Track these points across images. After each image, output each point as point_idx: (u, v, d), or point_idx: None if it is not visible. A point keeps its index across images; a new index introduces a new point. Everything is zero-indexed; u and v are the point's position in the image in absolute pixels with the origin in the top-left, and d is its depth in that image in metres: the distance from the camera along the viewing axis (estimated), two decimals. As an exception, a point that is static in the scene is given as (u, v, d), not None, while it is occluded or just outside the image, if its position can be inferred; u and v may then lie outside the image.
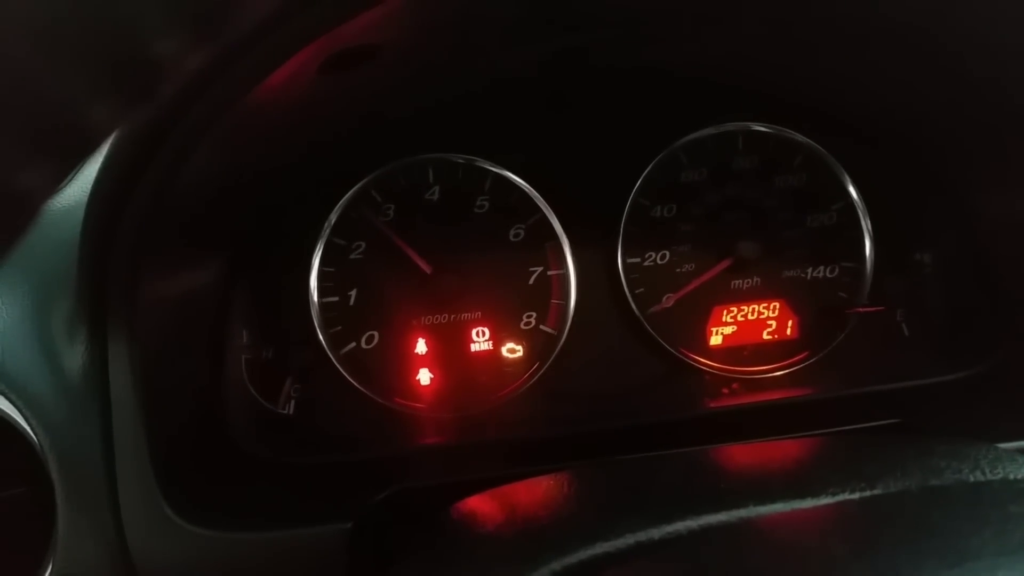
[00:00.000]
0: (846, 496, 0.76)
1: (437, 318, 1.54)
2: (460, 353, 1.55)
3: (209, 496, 1.17)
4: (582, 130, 1.58)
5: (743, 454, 1.05)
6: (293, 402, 1.49)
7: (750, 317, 1.62)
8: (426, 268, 1.52)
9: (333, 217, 1.51)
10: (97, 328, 1.07)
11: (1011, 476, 0.80)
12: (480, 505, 0.97)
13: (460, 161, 1.55)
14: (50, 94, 0.36)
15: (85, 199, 1.01)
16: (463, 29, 1.09)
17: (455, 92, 1.38)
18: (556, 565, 0.71)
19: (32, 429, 1.07)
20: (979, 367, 1.50)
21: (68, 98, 0.37)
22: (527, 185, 1.56)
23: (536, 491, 0.95)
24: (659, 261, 1.60)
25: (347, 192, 1.52)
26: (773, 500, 0.76)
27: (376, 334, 1.53)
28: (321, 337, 1.50)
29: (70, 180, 1.07)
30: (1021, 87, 1.21)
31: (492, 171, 1.56)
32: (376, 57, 1.04)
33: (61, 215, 1.08)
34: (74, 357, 1.07)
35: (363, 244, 1.53)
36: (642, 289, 1.59)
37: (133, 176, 0.94)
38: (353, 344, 1.52)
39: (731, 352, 1.62)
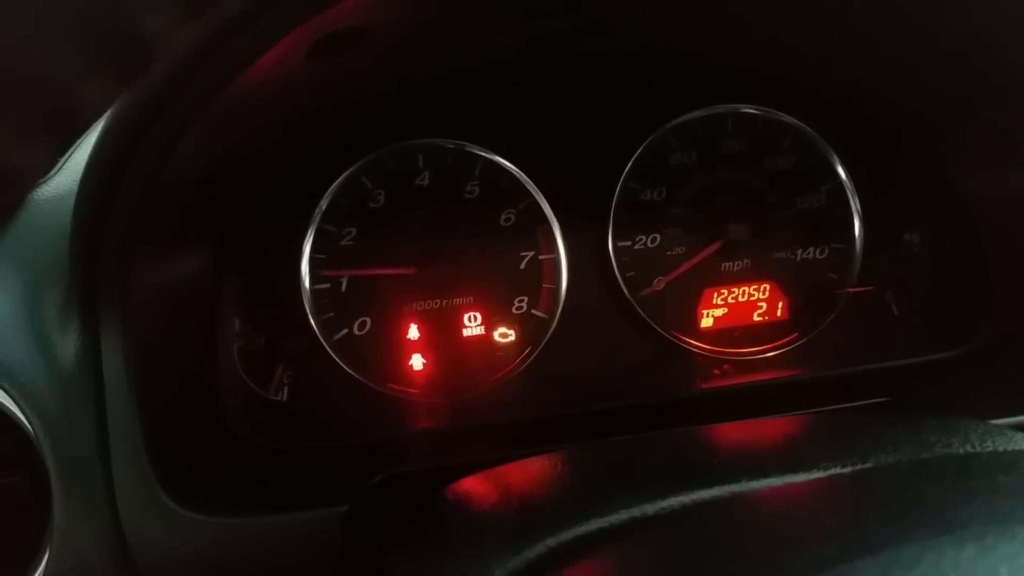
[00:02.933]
0: (838, 470, 0.77)
1: (429, 304, 1.54)
2: (452, 338, 1.55)
3: (204, 482, 1.17)
4: (572, 114, 1.58)
5: (735, 432, 1.06)
6: (286, 388, 1.50)
7: (741, 299, 1.63)
8: (416, 255, 1.52)
9: (323, 203, 1.51)
10: (89, 316, 1.07)
11: (1000, 448, 0.81)
12: (474, 486, 0.98)
13: (450, 146, 1.55)
14: (43, 71, 0.36)
15: (75, 187, 1.01)
16: (449, 11, 1.08)
17: (444, 77, 1.38)
18: (552, 541, 0.72)
19: (27, 417, 1.07)
20: (968, 345, 1.51)
21: (61, 75, 0.37)
22: (517, 170, 1.56)
23: (530, 471, 0.96)
24: (650, 244, 1.61)
25: (337, 178, 1.52)
26: (766, 475, 0.77)
27: (368, 320, 1.53)
28: (313, 324, 1.50)
29: (59, 168, 1.07)
30: (1010, 64, 1.21)
31: (482, 156, 1.56)
32: (363, 41, 1.04)
33: (51, 204, 1.08)
34: (67, 345, 1.07)
35: (354, 230, 1.53)
36: (633, 272, 1.60)
37: (123, 163, 0.93)
38: (345, 330, 1.52)
39: (722, 334, 1.62)
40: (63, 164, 1.08)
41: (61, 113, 0.39)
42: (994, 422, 0.91)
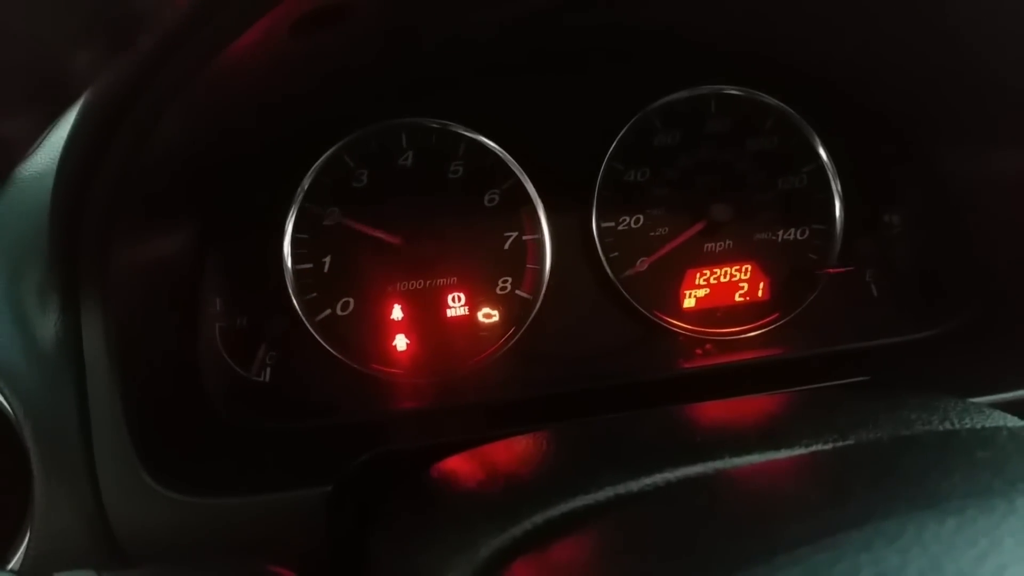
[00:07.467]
0: (819, 447, 0.78)
1: (413, 284, 1.54)
2: (436, 318, 1.55)
3: (187, 462, 1.17)
4: (556, 94, 1.57)
5: (718, 410, 1.07)
6: (269, 369, 1.49)
7: (722, 280, 1.63)
8: (399, 235, 1.52)
9: (306, 183, 1.50)
10: (69, 296, 1.06)
11: (978, 426, 0.82)
12: (459, 465, 0.98)
13: (434, 126, 1.54)
14: (36, 40, 0.35)
15: (54, 165, 0.99)
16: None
17: (428, 55, 1.37)
18: (537, 519, 0.72)
19: (6, 398, 1.06)
20: (947, 325, 1.53)
21: (53, 44, 0.36)
22: (501, 150, 1.56)
23: (515, 450, 0.96)
24: (633, 225, 1.61)
25: (319, 157, 1.50)
26: (748, 452, 0.77)
27: (351, 300, 1.52)
28: (296, 304, 1.49)
29: (39, 145, 1.05)
30: (988, 44, 1.22)
31: (466, 136, 1.55)
32: (346, 18, 1.03)
33: (30, 182, 1.06)
34: (47, 326, 1.06)
35: (336, 210, 1.52)
36: (616, 253, 1.60)
37: (104, 140, 0.92)
38: (328, 311, 1.52)
39: (704, 314, 1.63)
40: (42, 142, 1.06)
41: (50, 84, 0.39)
42: (973, 400, 0.92)
